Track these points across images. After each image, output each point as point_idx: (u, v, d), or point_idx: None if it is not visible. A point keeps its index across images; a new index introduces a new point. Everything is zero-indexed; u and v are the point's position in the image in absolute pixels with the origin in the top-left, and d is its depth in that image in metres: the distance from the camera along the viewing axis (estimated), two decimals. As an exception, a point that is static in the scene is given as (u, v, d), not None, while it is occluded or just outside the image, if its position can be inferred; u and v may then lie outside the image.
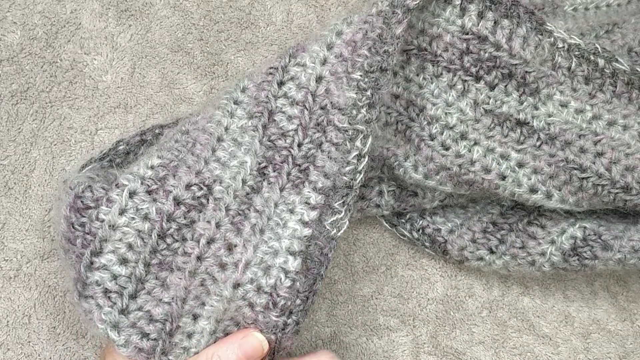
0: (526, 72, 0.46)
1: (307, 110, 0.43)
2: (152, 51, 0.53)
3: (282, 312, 0.40)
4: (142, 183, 0.41)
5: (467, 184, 0.46)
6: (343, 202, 0.42)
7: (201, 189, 0.41)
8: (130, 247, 0.40)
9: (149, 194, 0.41)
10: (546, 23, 0.45)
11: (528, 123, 0.46)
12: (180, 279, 0.40)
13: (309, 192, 0.42)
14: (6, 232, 0.50)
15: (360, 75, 0.42)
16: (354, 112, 0.42)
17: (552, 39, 0.45)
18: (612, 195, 0.45)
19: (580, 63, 0.46)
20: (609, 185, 0.45)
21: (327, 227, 0.42)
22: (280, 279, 0.40)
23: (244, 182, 0.42)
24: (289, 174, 0.43)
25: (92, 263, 0.40)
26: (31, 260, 0.49)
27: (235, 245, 0.41)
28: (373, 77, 0.42)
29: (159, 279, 0.41)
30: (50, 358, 0.48)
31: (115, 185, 0.41)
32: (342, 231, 0.42)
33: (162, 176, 0.41)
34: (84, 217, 0.41)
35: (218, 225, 0.41)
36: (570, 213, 0.48)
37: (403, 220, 0.51)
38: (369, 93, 0.42)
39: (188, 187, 0.41)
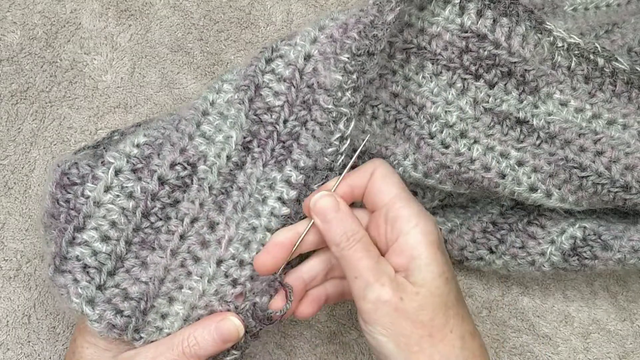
0: (525, 70, 0.46)
1: (294, 87, 0.43)
2: (152, 51, 0.53)
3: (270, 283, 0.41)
4: (127, 161, 0.41)
5: (466, 182, 0.46)
6: (323, 184, 0.42)
7: (185, 168, 0.41)
8: (113, 224, 0.41)
9: (134, 173, 0.41)
10: (545, 22, 0.45)
11: (528, 122, 0.46)
12: (161, 257, 0.41)
13: (290, 170, 0.43)
14: (6, 232, 0.50)
15: (348, 58, 0.42)
16: (339, 94, 0.42)
17: (552, 38, 0.45)
18: (611, 194, 0.45)
19: (579, 62, 0.46)
20: (609, 184, 0.45)
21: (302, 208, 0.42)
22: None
23: (228, 158, 0.42)
24: (272, 150, 0.43)
25: (74, 238, 0.40)
26: (31, 260, 0.49)
27: (218, 223, 0.42)
28: (360, 61, 0.42)
29: (139, 257, 0.41)
30: (50, 358, 0.48)
31: (102, 162, 0.41)
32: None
33: (148, 154, 0.41)
34: (69, 193, 0.41)
35: (202, 205, 0.41)
36: (570, 213, 0.48)
37: (403, 220, 0.51)
38: (354, 76, 0.42)
39: (172, 166, 0.41)
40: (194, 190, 0.41)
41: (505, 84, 0.46)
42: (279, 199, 0.42)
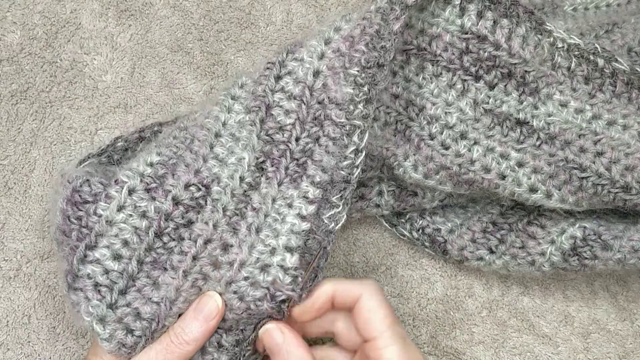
0: (525, 71, 0.46)
1: (304, 104, 0.43)
2: (152, 51, 0.53)
3: (280, 303, 0.41)
4: (141, 180, 0.41)
5: (467, 183, 0.46)
6: (341, 196, 0.42)
7: (199, 189, 0.41)
8: (125, 243, 0.40)
9: (148, 192, 0.41)
10: (545, 23, 0.45)
11: (528, 122, 0.46)
12: (173, 278, 0.41)
13: (307, 186, 0.42)
14: (6, 232, 0.50)
15: (358, 71, 0.42)
16: (351, 107, 0.42)
17: (552, 39, 0.45)
18: (611, 195, 0.45)
19: (579, 63, 0.46)
20: (609, 184, 0.45)
21: (325, 221, 0.42)
22: (279, 277, 0.40)
23: (241, 179, 0.42)
24: (287, 168, 0.43)
25: (85, 256, 0.40)
26: (31, 260, 0.49)
27: (231, 246, 0.41)
28: (370, 73, 0.42)
29: (151, 277, 0.41)
30: (50, 358, 0.48)
31: (115, 181, 0.41)
32: (339, 225, 0.42)
33: (161, 174, 0.41)
34: (81, 210, 0.41)
35: (215, 226, 0.41)
36: (570, 213, 0.48)
37: (403, 220, 0.51)
38: (365, 88, 0.42)
39: (187, 187, 0.41)
40: (208, 212, 0.41)
41: (505, 85, 0.46)
42: (298, 215, 0.42)
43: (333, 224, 0.42)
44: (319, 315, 0.42)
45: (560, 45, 0.46)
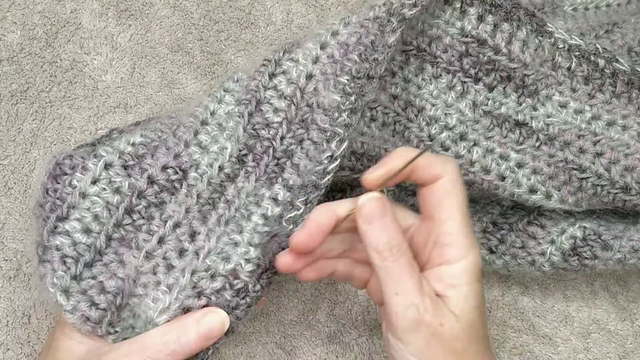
0: (525, 74, 0.46)
1: (294, 105, 0.43)
2: (152, 51, 0.53)
3: (237, 293, 0.41)
4: (119, 157, 0.41)
5: (466, 184, 0.46)
6: (305, 200, 0.42)
7: (176, 172, 0.41)
8: (96, 217, 0.40)
9: (125, 169, 0.41)
10: (547, 24, 0.45)
11: (527, 124, 0.46)
12: (135, 257, 0.41)
13: (279, 188, 0.43)
14: (6, 232, 0.50)
15: (347, 80, 0.42)
16: (336, 114, 0.42)
17: (553, 39, 0.45)
18: (611, 196, 0.45)
19: (580, 63, 0.46)
20: (608, 185, 0.45)
21: (284, 223, 0.42)
22: (241, 264, 0.41)
23: (220, 169, 0.42)
24: (266, 165, 0.43)
25: (55, 227, 0.40)
26: (31, 260, 0.49)
27: (199, 233, 0.41)
28: (359, 84, 0.42)
29: (118, 254, 0.41)
30: (50, 358, 0.48)
31: (94, 155, 0.41)
32: (298, 227, 0.41)
33: (141, 154, 0.42)
34: (59, 183, 0.41)
35: (187, 211, 0.41)
36: (570, 213, 0.48)
37: (403, 220, 0.51)
38: (352, 98, 0.42)
39: (164, 168, 0.41)
40: (182, 195, 0.41)
41: (504, 87, 0.46)
42: (263, 215, 0.42)
43: (292, 226, 0.42)
44: (394, 183, 0.40)
45: (561, 45, 0.46)
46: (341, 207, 0.40)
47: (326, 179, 0.42)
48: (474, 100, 0.46)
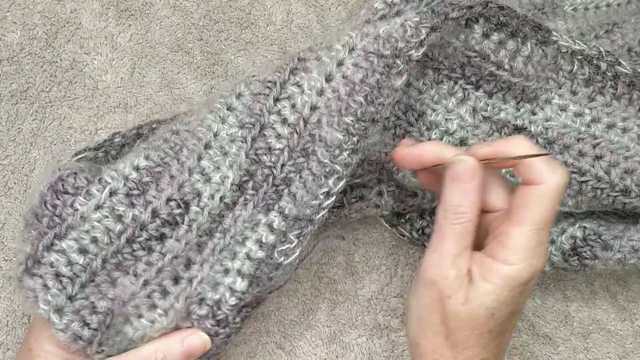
0: (526, 86, 0.46)
1: (296, 133, 0.43)
2: (152, 51, 0.53)
3: (218, 323, 0.42)
4: (124, 184, 0.41)
5: None
6: (299, 234, 0.43)
7: (179, 206, 0.41)
8: (94, 240, 0.41)
9: (128, 197, 0.41)
10: (552, 33, 0.45)
11: (526, 128, 0.46)
12: (132, 283, 0.41)
13: (275, 216, 0.43)
14: (6, 232, 0.50)
15: (352, 121, 0.42)
16: (337, 151, 0.42)
17: (557, 46, 0.45)
18: (611, 198, 0.45)
19: (582, 66, 0.46)
20: (608, 188, 0.45)
21: (275, 255, 0.42)
22: (226, 296, 0.41)
23: (221, 199, 0.42)
24: (265, 193, 0.43)
25: (52, 244, 0.40)
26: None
27: (194, 263, 0.42)
28: (363, 126, 0.42)
29: (110, 277, 0.41)
30: (50, 358, 0.48)
31: (98, 180, 0.41)
32: (290, 259, 0.43)
33: (145, 182, 0.42)
34: (59, 199, 0.41)
35: (185, 244, 0.42)
36: (570, 213, 0.48)
37: (403, 220, 0.51)
38: (355, 139, 0.42)
39: (168, 201, 0.41)
40: (182, 230, 0.42)
41: (503, 95, 0.46)
42: (258, 241, 0.43)
43: (283, 258, 0.43)
44: (494, 167, 0.40)
45: (564, 50, 0.46)
46: (449, 152, 0.40)
47: (320, 214, 0.43)
48: (474, 106, 0.46)
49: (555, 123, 0.46)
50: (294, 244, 0.43)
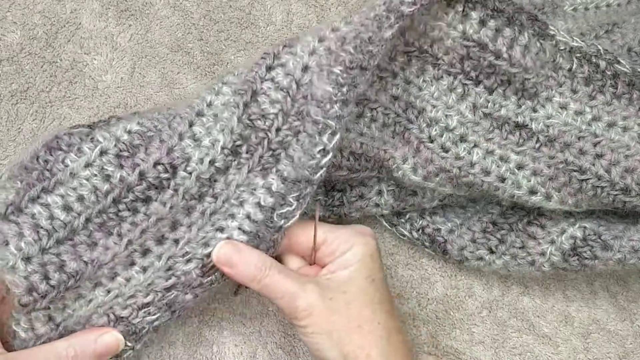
0: (525, 78, 0.46)
1: (289, 97, 0.43)
2: (152, 51, 0.53)
3: (203, 274, 0.43)
4: (115, 145, 0.42)
5: (466, 185, 0.46)
6: (298, 196, 0.43)
7: (167, 170, 0.42)
8: (80, 198, 0.41)
9: (118, 158, 0.41)
10: (549, 27, 0.45)
11: (527, 125, 0.46)
12: (116, 244, 0.41)
13: (273, 178, 0.43)
14: (6, 232, 0.50)
15: (340, 70, 0.42)
16: (328, 106, 0.42)
17: (554, 42, 0.45)
18: (611, 197, 0.45)
19: (581, 64, 0.46)
20: (609, 187, 0.45)
21: (275, 218, 0.43)
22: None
23: (211, 162, 0.43)
24: (261, 157, 0.43)
25: (38, 197, 0.41)
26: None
27: (181, 225, 0.43)
28: (352, 74, 0.42)
29: (91, 237, 0.41)
30: (50, 358, 0.48)
31: (91, 139, 0.42)
32: (290, 222, 0.43)
33: (136, 144, 0.42)
34: (51, 155, 0.42)
35: (171, 208, 0.42)
36: (570, 213, 0.48)
37: (403, 220, 0.51)
38: (344, 89, 0.42)
39: (156, 164, 0.42)
40: (168, 195, 0.42)
41: (504, 90, 0.46)
42: (257, 204, 0.43)
43: (283, 221, 0.43)
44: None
45: (562, 47, 0.46)
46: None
47: (319, 174, 0.42)
48: (474, 103, 0.46)
49: (556, 121, 0.46)
50: (293, 207, 0.43)
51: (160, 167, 0.42)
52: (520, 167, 0.46)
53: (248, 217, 0.43)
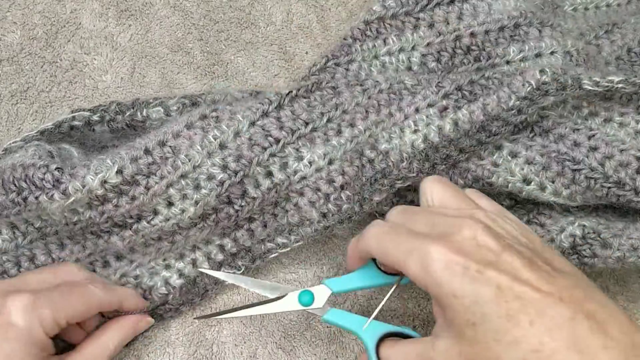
0: None
1: (276, 192, 0.44)
2: (152, 51, 0.53)
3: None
4: (87, 197, 0.41)
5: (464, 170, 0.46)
6: (246, 265, 0.47)
7: (131, 217, 0.43)
8: (52, 220, 0.43)
9: (88, 204, 0.42)
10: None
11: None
12: (79, 251, 0.45)
13: (228, 241, 0.46)
14: (6, 232, 0.50)
15: (335, 209, 0.45)
16: (306, 223, 0.45)
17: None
18: (605, 190, 0.45)
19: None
20: (602, 179, 0.45)
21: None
22: (157, 284, 0.46)
23: (175, 224, 0.43)
24: (224, 228, 0.45)
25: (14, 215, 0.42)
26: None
27: (136, 252, 0.46)
28: (339, 218, 0.45)
29: (61, 241, 0.45)
30: (50, 357, 0.48)
31: (62, 192, 0.40)
32: (229, 282, 0.46)
33: (109, 197, 0.41)
34: (26, 184, 0.41)
35: (129, 242, 0.44)
36: (569, 211, 0.48)
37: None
38: (327, 223, 0.45)
39: (122, 215, 0.43)
40: (128, 234, 0.43)
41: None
42: (206, 254, 0.46)
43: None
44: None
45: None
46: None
47: (272, 256, 0.47)
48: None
49: (552, 112, 0.46)
50: (240, 272, 0.46)
51: (126, 215, 0.42)
52: (513, 154, 0.46)
53: (194, 263, 0.46)
